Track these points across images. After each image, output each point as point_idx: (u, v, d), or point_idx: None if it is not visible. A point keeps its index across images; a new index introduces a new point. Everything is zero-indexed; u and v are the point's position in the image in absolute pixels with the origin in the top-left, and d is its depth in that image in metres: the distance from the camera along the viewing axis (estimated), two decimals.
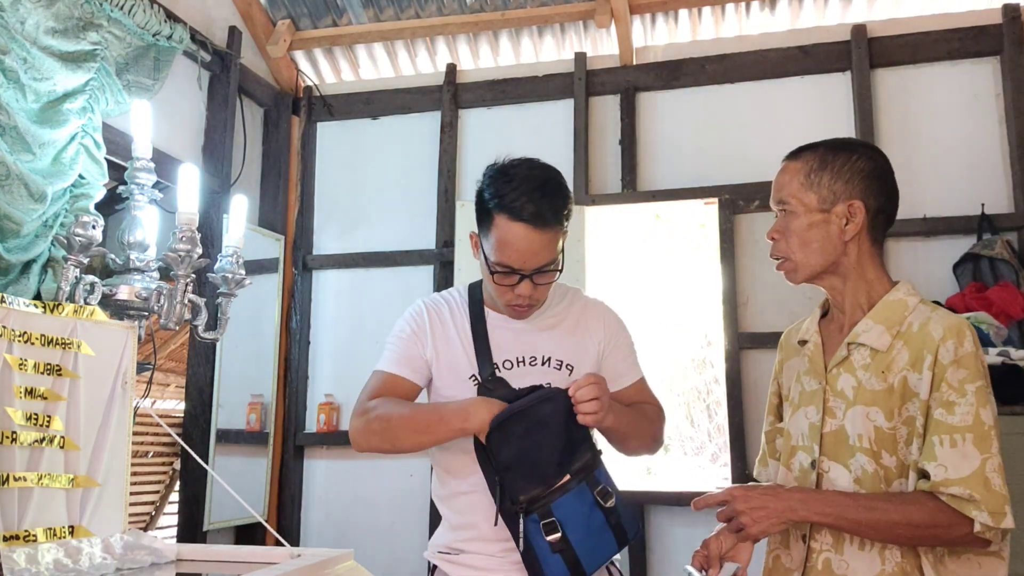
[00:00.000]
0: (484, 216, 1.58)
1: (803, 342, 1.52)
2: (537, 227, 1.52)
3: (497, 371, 1.61)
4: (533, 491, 1.47)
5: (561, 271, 1.61)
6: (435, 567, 1.65)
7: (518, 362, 1.63)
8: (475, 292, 1.72)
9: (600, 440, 1.66)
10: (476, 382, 1.61)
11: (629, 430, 1.62)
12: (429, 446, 1.60)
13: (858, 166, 1.41)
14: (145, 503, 7.81)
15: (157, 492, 7.91)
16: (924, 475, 1.29)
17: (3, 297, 1.40)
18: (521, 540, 1.46)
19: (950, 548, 1.30)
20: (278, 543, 2.10)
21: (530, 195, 1.51)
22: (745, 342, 3.23)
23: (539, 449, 1.48)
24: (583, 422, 1.49)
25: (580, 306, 1.74)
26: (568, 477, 1.50)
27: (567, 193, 1.59)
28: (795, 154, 1.47)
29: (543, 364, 1.63)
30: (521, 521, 1.46)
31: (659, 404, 1.75)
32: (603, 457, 1.60)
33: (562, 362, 1.64)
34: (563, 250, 1.60)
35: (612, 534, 1.52)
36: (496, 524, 1.49)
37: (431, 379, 1.68)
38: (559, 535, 1.45)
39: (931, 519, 1.25)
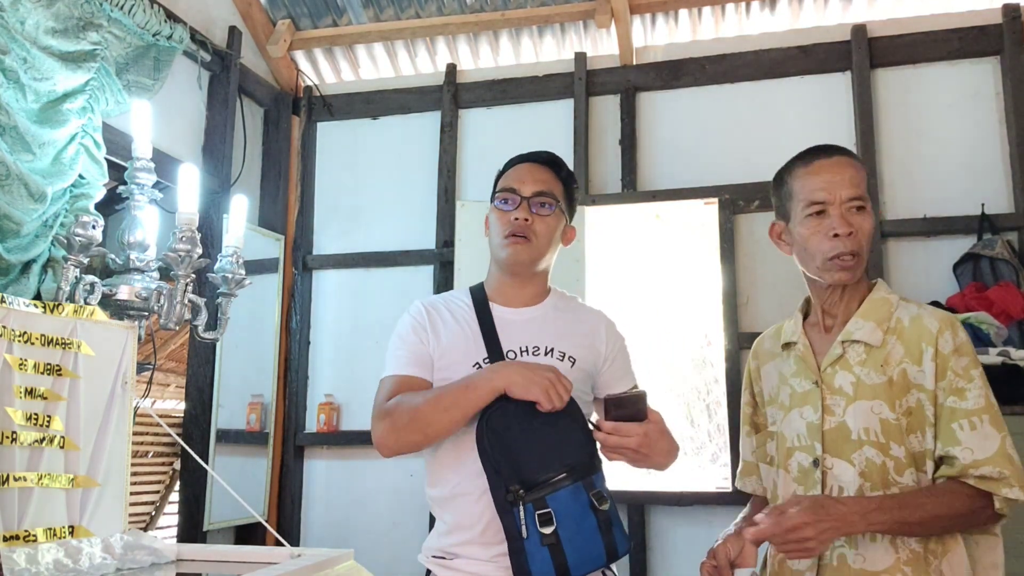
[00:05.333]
0: (495, 185, 1.72)
1: (788, 345, 1.53)
2: (532, 161, 1.70)
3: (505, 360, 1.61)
4: (530, 479, 1.45)
5: (568, 222, 1.71)
6: (429, 571, 1.64)
7: (521, 351, 1.63)
8: (477, 289, 1.74)
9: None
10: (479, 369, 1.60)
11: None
12: (462, 421, 1.52)
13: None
14: (145, 503, 7.82)
15: (157, 492, 7.92)
16: (941, 462, 1.33)
17: (3, 297, 1.40)
18: (514, 532, 1.44)
19: (950, 533, 1.34)
20: (278, 543, 2.10)
21: (529, 152, 1.74)
22: (745, 342, 3.22)
23: (543, 438, 1.48)
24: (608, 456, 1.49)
25: (583, 309, 1.77)
26: (564, 474, 1.49)
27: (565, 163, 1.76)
28: (845, 151, 1.47)
29: (546, 354, 1.63)
30: (516, 512, 1.44)
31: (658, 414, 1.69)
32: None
33: (564, 353, 1.65)
34: (563, 208, 1.69)
35: (603, 543, 1.48)
36: (494, 509, 1.48)
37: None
38: (553, 528, 1.44)
39: (970, 505, 1.30)
